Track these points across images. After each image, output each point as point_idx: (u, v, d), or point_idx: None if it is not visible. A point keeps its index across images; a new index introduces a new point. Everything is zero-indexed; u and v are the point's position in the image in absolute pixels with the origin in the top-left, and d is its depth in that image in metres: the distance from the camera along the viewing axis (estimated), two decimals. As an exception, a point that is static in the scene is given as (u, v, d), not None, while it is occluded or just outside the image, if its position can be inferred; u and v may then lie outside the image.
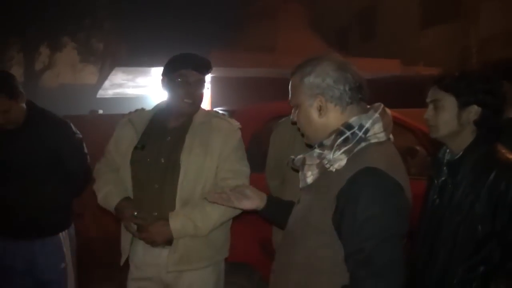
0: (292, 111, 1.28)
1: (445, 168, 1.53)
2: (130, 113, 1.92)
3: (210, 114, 1.88)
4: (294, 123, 1.31)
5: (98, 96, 10.07)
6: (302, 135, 1.99)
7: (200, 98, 1.81)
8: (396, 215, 1.05)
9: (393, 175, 1.07)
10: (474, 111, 1.45)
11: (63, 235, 2.18)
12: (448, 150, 1.56)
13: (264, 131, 2.82)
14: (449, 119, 1.48)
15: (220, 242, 1.86)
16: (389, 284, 1.00)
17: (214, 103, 6.16)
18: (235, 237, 1.95)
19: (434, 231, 1.49)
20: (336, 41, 11.03)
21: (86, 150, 2.21)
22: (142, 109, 1.94)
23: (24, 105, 2.07)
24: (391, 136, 1.19)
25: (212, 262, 1.83)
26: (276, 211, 1.49)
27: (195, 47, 1.83)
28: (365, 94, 1.20)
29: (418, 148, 3.35)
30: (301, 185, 1.23)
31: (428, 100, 1.55)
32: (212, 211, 1.71)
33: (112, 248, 2.70)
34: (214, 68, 1.92)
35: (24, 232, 2.08)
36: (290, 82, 1.25)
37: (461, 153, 1.48)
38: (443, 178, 1.52)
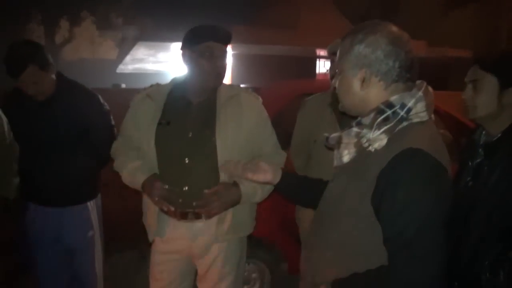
0: (335, 76, 1.24)
1: (481, 150, 1.50)
2: (145, 88, 1.88)
3: (236, 88, 1.86)
4: (334, 88, 1.27)
5: (118, 71, 10.09)
6: (338, 101, 1.99)
7: (225, 71, 1.77)
8: (439, 198, 1.01)
9: (436, 157, 1.03)
10: None
11: (91, 205, 2.22)
12: (484, 132, 1.52)
13: (289, 109, 2.81)
14: (489, 100, 1.43)
15: (255, 214, 1.90)
16: (429, 269, 0.98)
17: (234, 80, 6.12)
18: (258, 213, 1.98)
19: (466, 213, 1.47)
20: (359, 21, 10.76)
21: (113, 122, 2.23)
22: (158, 84, 1.91)
23: (54, 76, 2.08)
24: (432, 115, 1.15)
25: (249, 233, 1.87)
26: (292, 187, 1.48)
27: (217, 22, 1.78)
28: (414, 74, 1.14)
29: (442, 131, 3.30)
30: (335, 163, 1.21)
31: (467, 79, 1.50)
32: None
33: (134, 219, 2.77)
34: (236, 45, 1.89)
35: (53, 200, 2.13)
36: (340, 46, 1.19)
37: (499, 135, 1.44)
38: (478, 160, 1.49)
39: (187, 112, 1.77)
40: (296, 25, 7.51)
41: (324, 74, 7.96)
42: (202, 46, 1.69)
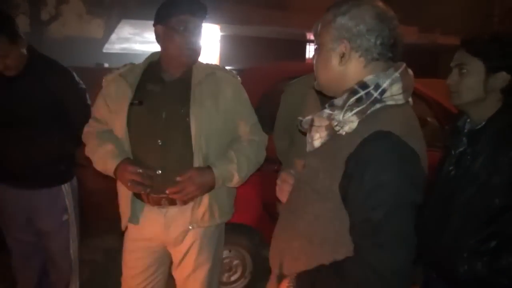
0: (314, 50, 1.17)
1: (464, 138, 1.45)
2: (118, 68, 1.78)
3: (211, 66, 1.78)
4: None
5: (104, 50, 9.85)
6: (315, 79, 1.92)
7: (200, 47, 1.68)
8: (408, 183, 0.96)
9: (407, 141, 0.97)
10: (502, 77, 1.35)
11: (66, 187, 2.14)
12: (468, 120, 1.47)
13: (274, 92, 2.74)
14: (474, 85, 1.38)
15: (233, 199, 1.84)
16: (397, 257, 0.93)
17: (223, 62, 6.00)
18: (237, 198, 1.92)
19: (447, 201, 1.43)
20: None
21: (89, 102, 2.14)
22: (132, 64, 1.81)
23: (24, 50, 1.97)
24: (410, 99, 1.08)
25: (227, 219, 1.81)
26: None
27: (204, 1, 1.69)
28: (397, 54, 1.07)
29: (429, 119, 3.26)
30: (307, 148, 1.15)
31: (452, 64, 1.44)
32: (242, 162, 1.69)
33: (114, 201, 2.71)
34: (224, 25, 1.80)
35: (25, 181, 2.05)
36: (322, 18, 1.12)
37: (483, 122, 1.40)
38: (461, 149, 1.45)
39: (161, 91, 1.68)
40: (287, 5, 7.37)
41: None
42: (176, 19, 1.60)
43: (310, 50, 7.84)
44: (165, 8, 1.63)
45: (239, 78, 1.81)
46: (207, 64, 1.78)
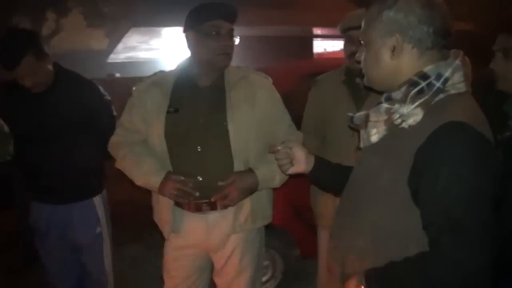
0: (360, 49, 1.14)
1: (510, 122, 1.42)
2: (149, 76, 1.77)
3: (244, 69, 1.76)
4: (358, 63, 1.17)
5: (109, 60, 9.90)
6: (352, 79, 1.89)
7: (233, 51, 1.66)
8: (487, 175, 0.92)
9: (480, 130, 0.94)
10: None
11: (97, 199, 2.13)
12: None
13: (295, 91, 2.71)
14: None
15: (272, 202, 1.83)
16: (481, 252, 0.90)
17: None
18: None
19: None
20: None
21: (115, 112, 2.13)
22: (162, 71, 1.80)
23: (51, 66, 1.97)
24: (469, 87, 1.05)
25: (268, 222, 1.79)
26: (325, 175, 1.39)
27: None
28: (451, 42, 1.04)
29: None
30: (362, 144, 1.12)
31: (495, 48, 1.41)
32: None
33: (137, 211, 2.70)
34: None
35: (58, 196, 2.04)
36: (365, 15, 1.10)
37: None
38: (508, 133, 1.41)
39: (196, 98, 1.67)
40: (291, 4, 7.34)
41: (321, 54, 7.84)
42: (208, 25, 1.59)
43: (317, 46, 7.82)
44: (196, 14, 1.62)
45: (270, 79, 1.79)
46: (238, 67, 1.76)
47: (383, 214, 1.03)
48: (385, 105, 1.05)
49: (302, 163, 1.35)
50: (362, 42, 1.12)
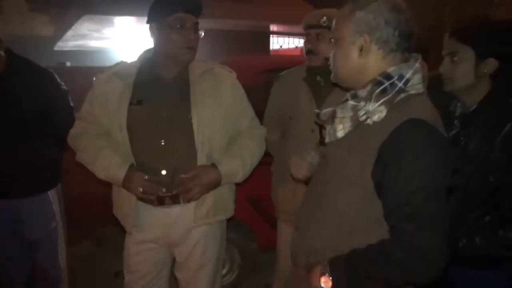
0: (329, 46, 1.20)
1: (456, 121, 1.55)
2: (110, 66, 1.72)
3: (209, 62, 1.76)
4: (327, 59, 1.23)
5: (56, 48, 9.36)
6: (313, 76, 1.95)
7: (197, 44, 1.66)
8: (444, 167, 1.03)
9: (436, 127, 1.04)
10: (491, 63, 1.44)
11: (52, 194, 2.06)
12: (459, 104, 1.56)
13: (254, 85, 2.74)
14: (467, 72, 1.46)
15: (234, 195, 1.84)
16: (438, 237, 0.99)
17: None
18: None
19: None
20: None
21: (72, 103, 2.05)
22: (124, 62, 1.76)
23: (2, 52, 1.86)
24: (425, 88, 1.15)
25: (230, 215, 1.81)
26: None
27: None
28: (413, 45, 1.13)
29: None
30: (328, 139, 1.19)
31: (444, 52, 1.52)
32: (245, 157, 1.70)
33: (89, 206, 2.62)
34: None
35: (10, 190, 1.94)
36: (337, 14, 1.16)
37: (475, 106, 1.49)
38: (454, 131, 1.54)
39: (159, 90, 1.65)
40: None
41: (277, 50, 7.92)
42: (172, 17, 1.57)
43: (274, 42, 7.90)
44: (160, 6, 1.60)
45: (234, 73, 1.80)
46: (203, 60, 1.75)
47: (347, 204, 1.10)
48: (351, 102, 1.12)
49: (311, 169, 1.35)
50: (332, 39, 1.18)
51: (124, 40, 7.96)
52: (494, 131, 1.42)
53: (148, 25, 1.64)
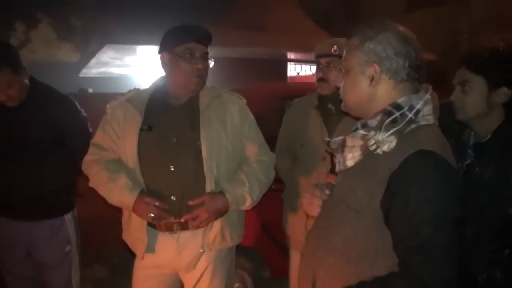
0: (340, 76, 1.22)
1: (470, 151, 1.52)
2: (123, 93, 1.78)
3: (218, 89, 1.80)
4: (338, 88, 1.25)
5: (81, 75, 9.71)
6: (324, 104, 1.97)
7: (207, 73, 1.71)
8: (453, 199, 1.01)
9: (447, 158, 1.04)
10: (503, 92, 1.43)
11: (68, 217, 2.09)
12: (472, 133, 1.54)
13: (267, 112, 2.77)
14: (478, 101, 1.45)
15: (243, 221, 1.84)
16: (446, 270, 0.97)
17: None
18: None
19: None
20: (321, 21, 10.92)
21: (91, 129, 2.11)
22: (137, 89, 1.82)
23: (27, 80, 1.95)
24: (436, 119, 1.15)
25: (238, 241, 1.81)
26: None
27: (182, 24, 1.73)
28: (422, 75, 1.13)
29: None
30: (337, 168, 1.19)
31: (455, 81, 1.51)
32: (254, 184, 1.71)
33: (102, 230, 2.63)
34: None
35: (26, 212, 1.98)
36: (347, 44, 1.18)
37: (489, 135, 1.47)
38: (468, 161, 1.51)
39: (169, 116, 1.69)
40: (265, 26, 7.50)
41: (294, 77, 8.00)
42: (182, 47, 1.63)
43: (291, 69, 7.99)
44: (171, 36, 1.65)
45: (244, 100, 1.83)
46: (212, 87, 1.80)
47: (355, 233, 1.08)
48: (361, 132, 1.13)
49: None
50: (342, 69, 1.20)
51: (145, 68, 8.21)
52: (509, 161, 1.39)
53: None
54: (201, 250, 1.70)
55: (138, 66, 8.49)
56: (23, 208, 1.98)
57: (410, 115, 1.07)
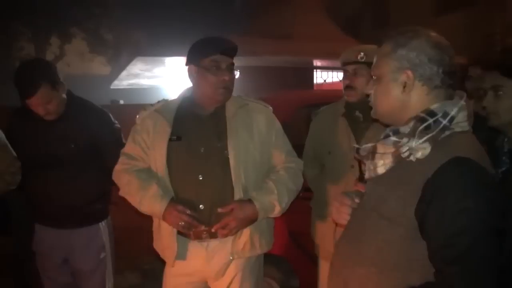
0: (370, 82, 1.21)
1: (504, 157, 1.48)
2: (152, 104, 1.83)
3: (244, 98, 1.83)
4: (367, 96, 1.24)
5: (112, 87, 10.03)
6: (351, 111, 1.96)
7: (233, 84, 1.73)
8: (491, 208, 0.98)
9: (484, 165, 1.01)
10: None
11: (103, 225, 2.16)
12: (506, 139, 1.50)
13: (293, 120, 2.77)
14: None
15: (273, 229, 1.85)
16: (485, 282, 0.94)
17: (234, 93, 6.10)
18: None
19: None
20: (349, 28, 10.86)
21: (124, 141, 2.18)
22: (165, 100, 1.86)
23: (64, 95, 2.04)
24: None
25: (268, 249, 1.81)
26: None
27: (210, 35, 1.77)
28: (456, 82, 1.11)
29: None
30: (368, 175, 1.18)
31: (486, 86, 1.48)
32: (282, 191, 1.71)
33: (132, 237, 2.69)
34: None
35: (65, 221, 2.06)
36: (378, 51, 1.17)
37: None
38: (503, 168, 1.46)
39: (197, 127, 1.73)
40: (291, 34, 7.53)
41: (321, 84, 7.96)
42: (208, 60, 1.66)
43: (317, 77, 7.97)
44: (197, 49, 1.69)
45: (270, 108, 1.85)
46: (238, 96, 1.83)
47: (387, 242, 1.06)
48: (393, 138, 1.11)
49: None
50: (373, 76, 1.19)
51: (173, 79, 8.40)
52: None
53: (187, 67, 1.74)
54: (231, 258, 1.72)
55: (167, 77, 8.68)
56: (63, 217, 2.06)
57: (444, 122, 1.05)
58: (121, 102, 4.62)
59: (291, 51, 6.05)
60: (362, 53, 1.89)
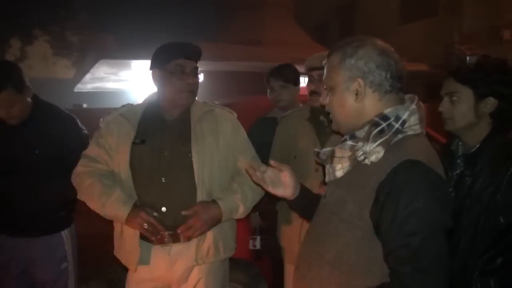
0: (324, 93, 1.24)
1: (459, 161, 1.54)
2: (117, 108, 1.81)
3: (209, 104, 1.84)
4: (323, 107, 1.26)
5: (76, 90, 9.77)
6: (330, 121, 1.98)
7: (197, 88, 1.74)
8: (441, 208, 1.02)
9: (434, 168, 1.05)
10: (490, 103, 1.46)
11: (65, 233, 2.09)
12: (460, 143, 1.56)
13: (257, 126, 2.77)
14: (466, 111, 1.48)
15: (235, 233, 1.85)
16: (436, 280, 0.98)
17: (201, 98, 6.07)
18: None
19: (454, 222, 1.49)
20: (317, 35, 11.07)
21: None
22: (130, 104, 1.86)
23: (29, 99, 1.97)
24: (424, 129, 1.17)
25: (231, 253, 1.81)
26: (308, 204, 1.39)
27: (179, 40, 1.77)
28: (404, 85, 1.16)
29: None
30: (327, 178, 1.20)
31: (443, 92, 1.54)
32: (246, 192, 1.72)
33: (99, 246, 2.62)
34: (203, 62, 1.85)
35: (24, 229, 1.99)
36: (327, 63, 1.20)
37: (478, 145, 1.49)
38: (458, 171, 1.52)
39: (162, 130, 1.72)
40: (260, 40, 7.59)
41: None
42: (172, 64, 1.66)
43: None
44: (161, 53, 1.70)
45: (235, 114, 1.87)
46: (204, 102, 1.84)
47: (347, 245, 1.09)
48: (349, 142, 1.14)
49: (290, 188, 1.34)
50: (325, 87, 1.22)
51: (140, 82, 8.27)
52: (499, 171, 1.40)
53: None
54: (194, 263, 1.70)
55: (133, 81, 8.54)
56: (23, 225, 1.98)
57: (396, 126, 1.09)
58: (85, 106, 4.50)
59: (260, 57, 6.11)
60: (326, 59, 1.92)
